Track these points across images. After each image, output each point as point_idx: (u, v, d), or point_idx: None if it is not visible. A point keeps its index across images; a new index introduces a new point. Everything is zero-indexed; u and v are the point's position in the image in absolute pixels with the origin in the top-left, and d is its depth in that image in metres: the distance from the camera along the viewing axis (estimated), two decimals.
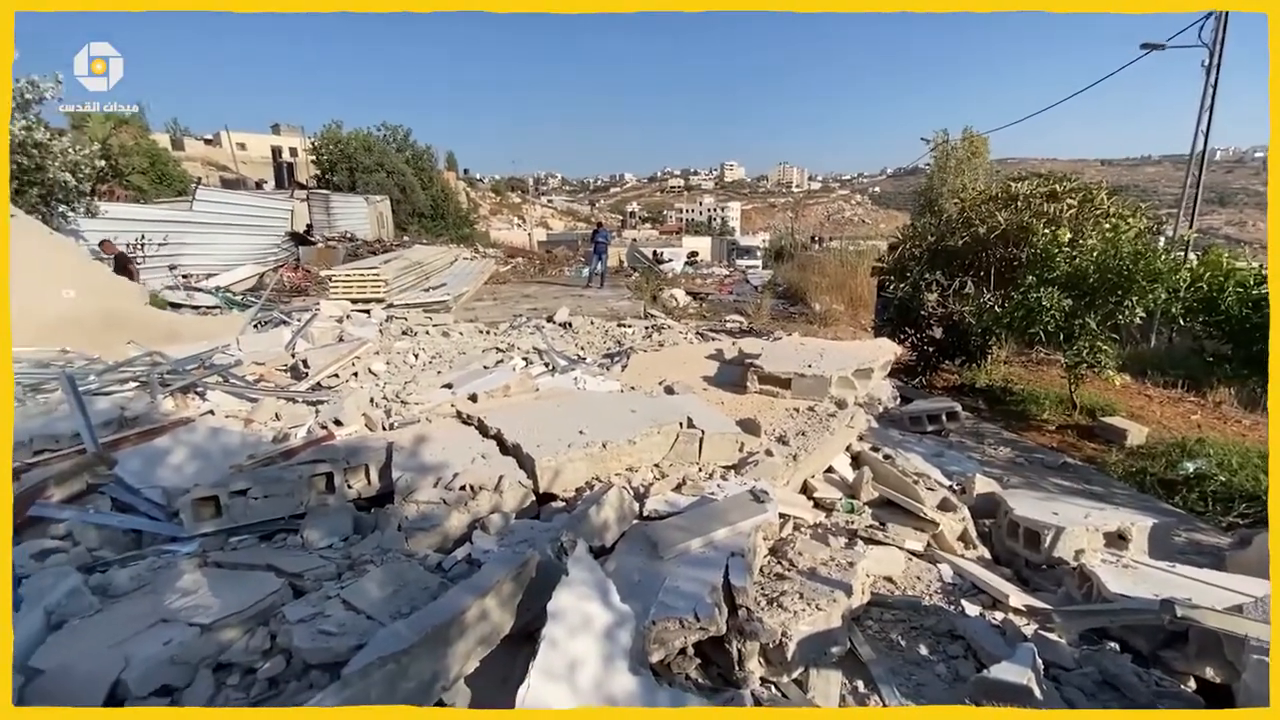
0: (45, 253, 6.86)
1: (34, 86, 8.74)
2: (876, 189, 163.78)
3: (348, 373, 5.84)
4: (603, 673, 1.76)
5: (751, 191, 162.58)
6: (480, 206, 58.22)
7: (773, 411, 4.47)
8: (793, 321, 11.49)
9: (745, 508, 2.67)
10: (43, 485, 2.79)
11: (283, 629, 2.03)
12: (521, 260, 22.02)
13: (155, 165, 19.88)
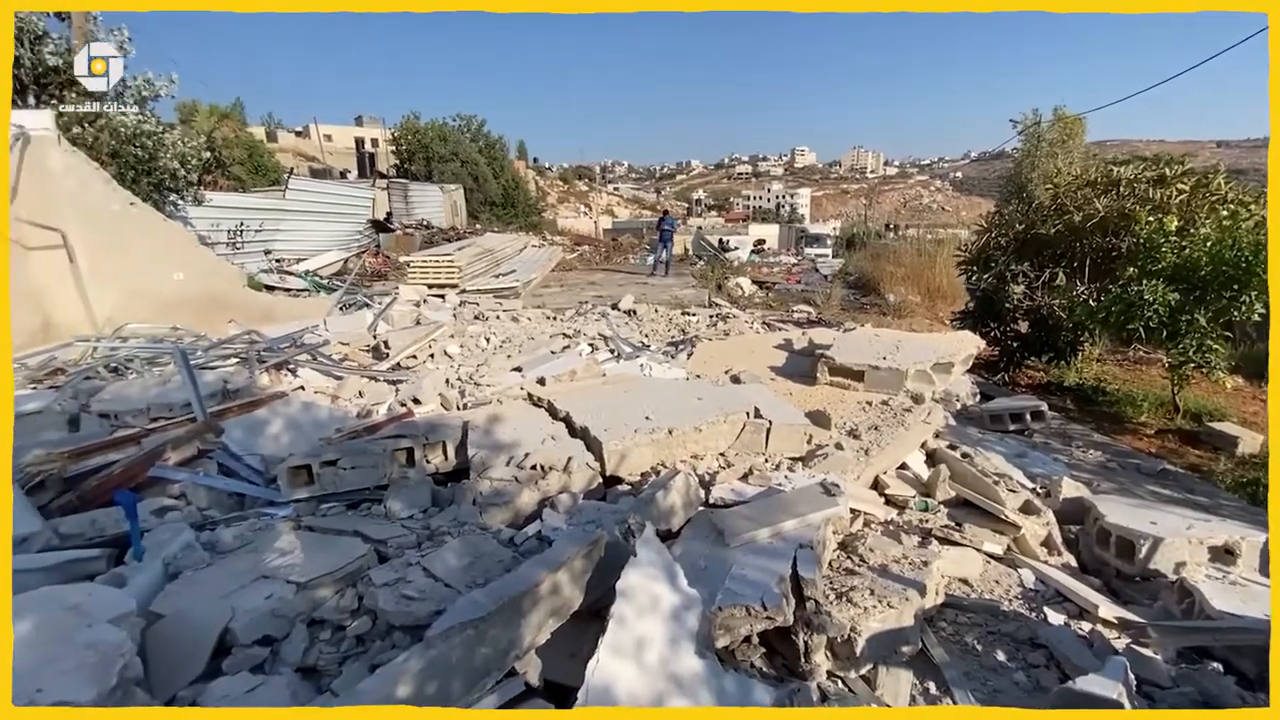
0: (159, 238, 7.50)
1: (149, 84, 9.53)
2: (958, 174, 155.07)
3: (425, 354, 6.11)
4: (669, 653, 1.78)
5: (823, 177, 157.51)
6: (548, 195, 59.19)
7: (843, 404, 4.36)
8: (864, 313, 11.13)
9: (815, 500, 2.62)
10: (161, 449, 3.07)
11: (369, 591, 2.16)
12: (587, 248, 22.29)
13: (253, 156, 21.30)
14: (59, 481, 2.93)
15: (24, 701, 1.47)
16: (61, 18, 8.77)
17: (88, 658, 1.64)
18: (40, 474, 2.88)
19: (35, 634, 1.72)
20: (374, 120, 43.01)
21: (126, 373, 5.27)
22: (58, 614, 1.81)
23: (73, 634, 1.73)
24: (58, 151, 6.69)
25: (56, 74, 8.39)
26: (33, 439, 3.40)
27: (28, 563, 2.36)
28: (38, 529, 2.58)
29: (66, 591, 2.00)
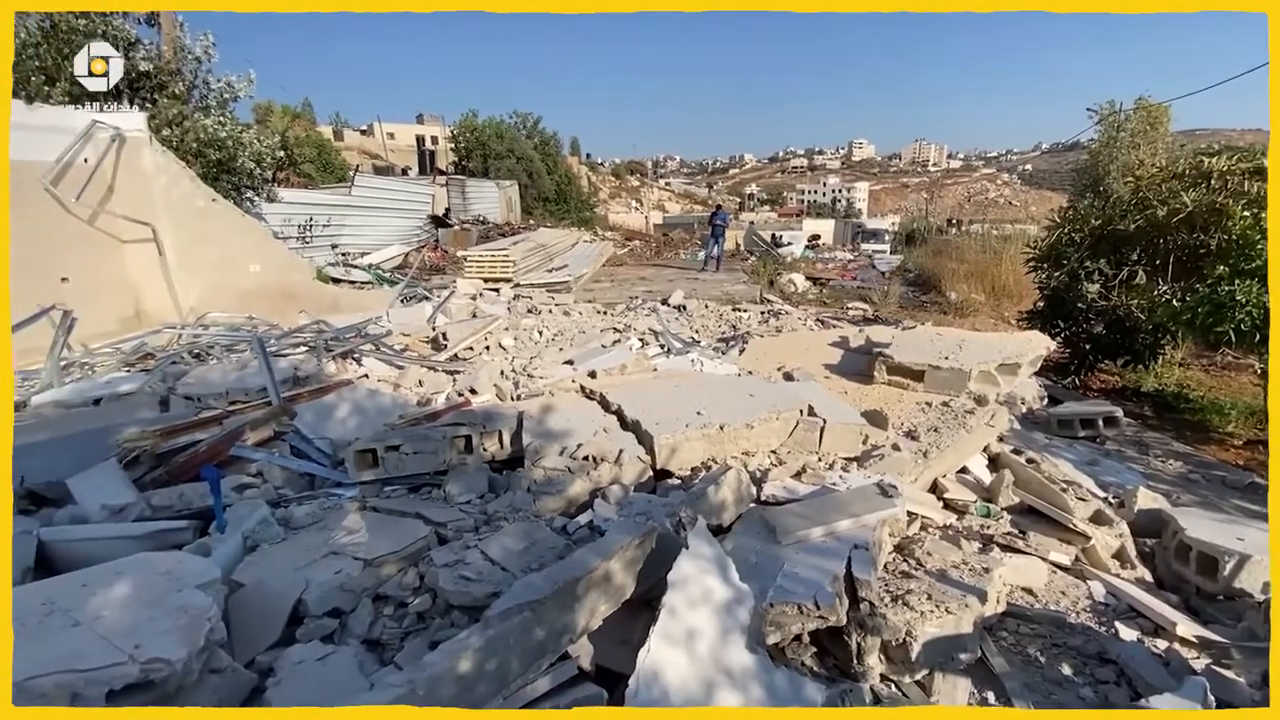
0: (238, 233, 7.97)
1: (230, 87, 10.10)
2: (1027, 167, 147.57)
3: (481, 346, 6.28)
4: (720, 645, 1.79)
5: (881, 171, 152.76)
6: (600, 190, 59.62)
7: (901, 404, 4.24)
8: (924, 311, 10.77)
9: (870, 501, 2.57)
10: (241, 429, 3.28)
11: (430, 571, 2.26)
12: (638, 243, 22.36)
13: (321, 155, 22.28)
14: (151, 457, 3.17)
15: (124, 656, 1.60)
16: (151, 24, 9.39)
17: (179, 620, 1.77)
18: (135, 450, 3.12)
19: (133, 595, 1.87)
20: (434, 118, 44.30)
21: (208, 358, 5.63)
22: (152, 578, 1.96)
23: (165, 597, 1.87)
24: (150, 151, 7.19)
25: (148, 79, 8.98)
26: (128, 417, 3.68)
27: (125, 530, 2.57)
28: (133, 500, 2.80)
29: (159, 558, 2.17)
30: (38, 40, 7.99)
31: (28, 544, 2.36)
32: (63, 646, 1.59)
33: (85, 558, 2.35)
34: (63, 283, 6.34)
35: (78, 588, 1.87)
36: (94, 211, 6.71)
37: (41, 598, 1.80)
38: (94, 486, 2.85)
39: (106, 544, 2.45)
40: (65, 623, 1.70)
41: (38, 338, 5.51)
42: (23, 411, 4.22)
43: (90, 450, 3.20)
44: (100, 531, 2.55)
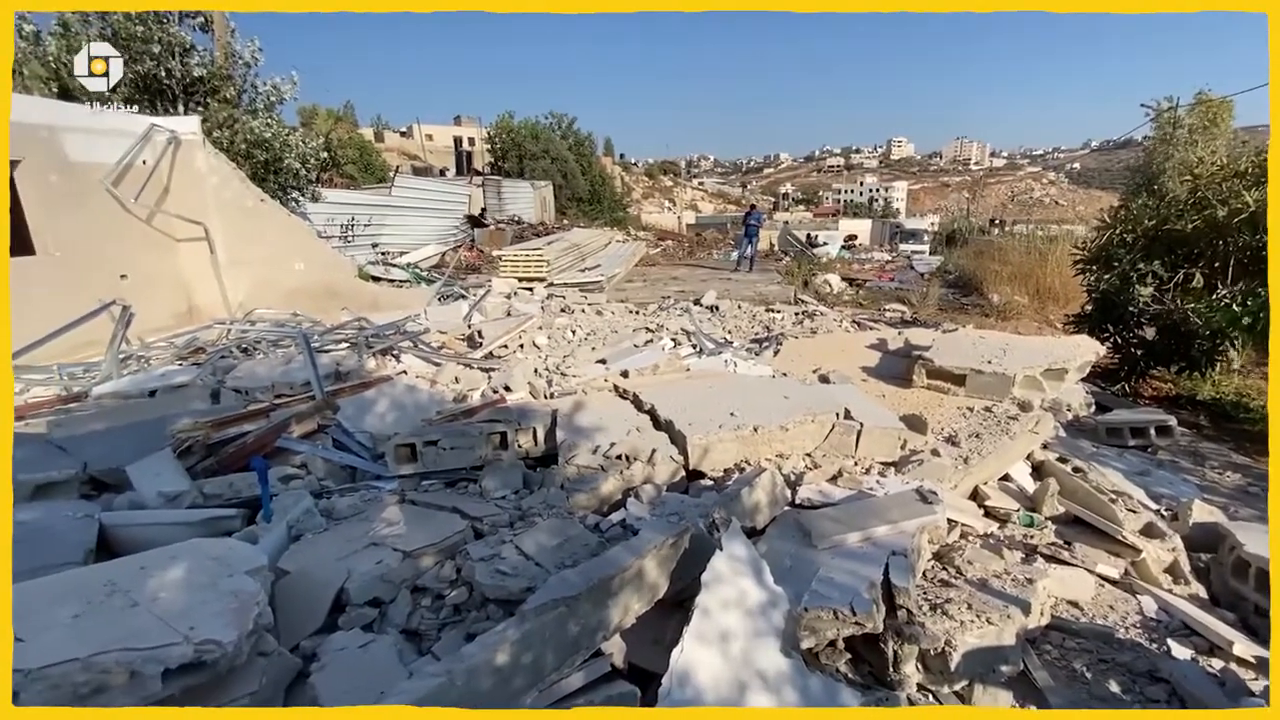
0: (284, 232, 8.23)
1: (276, 90, 10.44)
2: (1075, 165, 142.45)
3: (515, 344, 6.36)
4: (754, 648, 1.78)
5: (921, 170, 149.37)
6: (633, 190, 59.74)
7: (942, 409, 4.14)
8: (964, 313, 10.50)
9: (909, 507, 2.52)
10: (287, 422, 3.39)
11: (466, 564, 2.30)
12: (670, 243, 22.33)
13: (363, 156, 22.86)
14: (203, 447, 3.30)
15: (179, 637, 1.67)
16: (205, 30, 9.77)
17: (229, 603, 1.84)
18: (188, 440, 3.25)
19: (187, 579, 1.95)
20: (471, 120, 45.00)
21: (255, 353, 5.83)
22: (204, 563, 2.04)
23: (217, 582, 1.95)
24: (203, 153, 7.47)
25: (201, 83, 9.35)
26: (182, 409, 3.84)
27: (179, 517, 2.68)
28: (186, 488, 2.92)
29: (210, 544, 2.26)
30: None
31: (90, 527, 2.48)
32: (123, 626, 1.66)
33: (142, 541, 2.46)
34: (122, 279, 6.64)
35: (136, 570, 1.96)
36: (151, 211, 7.01)
37: (104, 578, 1.89)
38: (151, 474, 2.98)
39: (162, 529, 2.57)
40: (125, 603, 1.78)
41: (98, 331, 5.80)
42: (84, 402, 4.44)
43: (147, 439, 3.35)
44: (156, 517, 2.67)
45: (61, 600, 1.76)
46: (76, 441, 3.38)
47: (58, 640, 1.57)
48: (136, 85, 8.65)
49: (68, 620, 1.68)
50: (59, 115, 6.27)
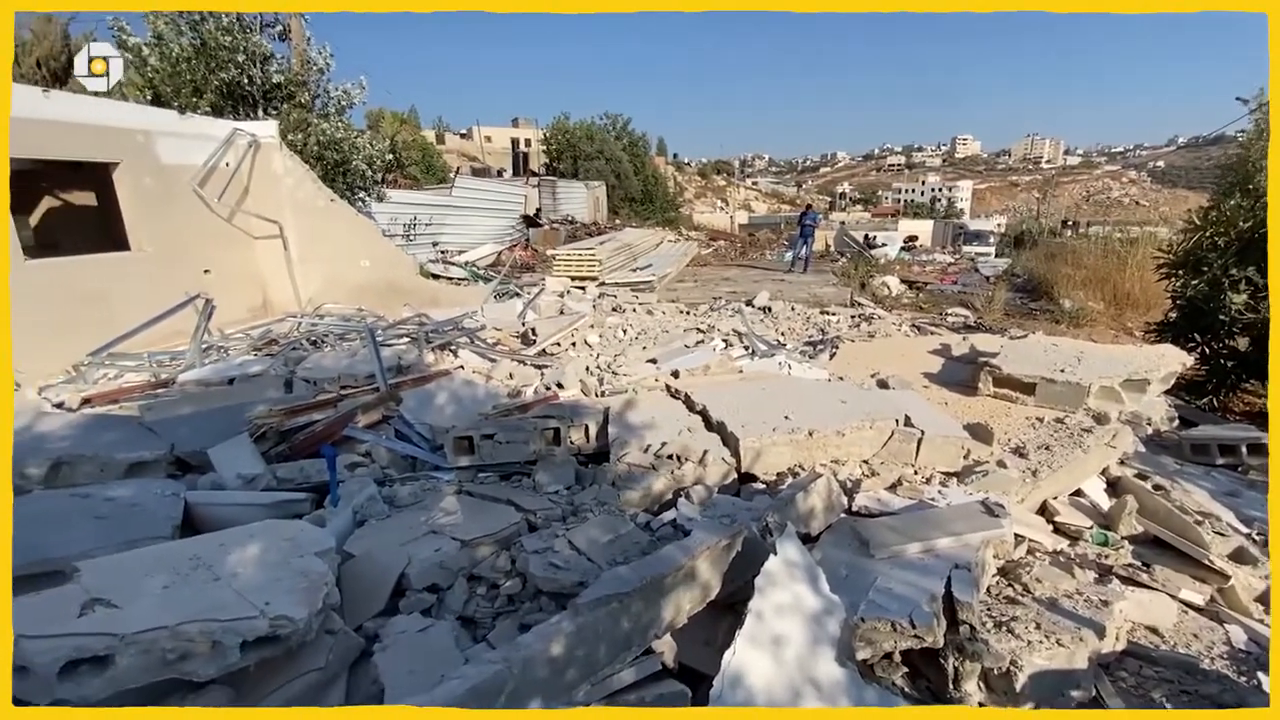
0: (352, 231, 8.60)
1: (346, 95, 10.91)
2: (1159, 163, 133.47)
3: (567, 342, 6.45)
4: (808, 655, 1.74)
5: (987, 169, 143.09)
6: (685, 190, 59.56)
7: (1009, 419, 3.96)
8: (1033, 319, 10.00)
9: (974, 519, 2.42)
10: (353, 412, 3.54)
11: (521, 556, 2.34)
12: (723, 243, 22.15)
13: (425, 157, 23.62)
14: (276, 434, 3.48)
15: (256, 611, 1.77)
16: (283, 39, 10.30)
17: (300, 583, 1.93)
18: (264, 427, 3.44)
19: (262, 557, 2.06)
20: (528, 122, 45.85)
21: (324, 346, 6.11)
22: (278, 543, 2.16)
23: (289, 561, 2.06)
24: (279, 156, 7.89)
25: (279, 89, 9.87)
26: (258, 396, 4.07)
27: (254, 499, 2.84)
28: (261, 472, 3.09)
29: (283, 526, 2.38)
30: (189, 56, 8.97)
31: (177, 504, 2.66)
32: (206, 598, 1.78)
33: (221, 520, 2.62)
34: (205, 274, 7.08)
35: (217, 546, 2.09)
36: (232, 210, 7.44)
37: (189, 553, 2.02)
38: (230, 457, 3.17)
39: (239, 509, 2.72)
40: (208, 577, 1.90)
41: (184, 322, 6.21)
42: (171, 388, 4.76)
43: (226, 424, 3.56)
44: (235, 498, 2.84)
45: (152, 571, 1.89)
46: (164, 424, 3.63)
47: (149, 608, 1.69)
48: (221, 92, 9.21)
49: (158, 590, 1.80)
50: (153, 121, 6.73)
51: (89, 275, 5.99)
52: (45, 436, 3.38)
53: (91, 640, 1.54)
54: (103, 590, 1.76)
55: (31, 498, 2.71)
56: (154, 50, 8.92)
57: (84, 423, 3.68)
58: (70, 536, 2.32)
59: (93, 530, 2.39)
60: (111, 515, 2.50)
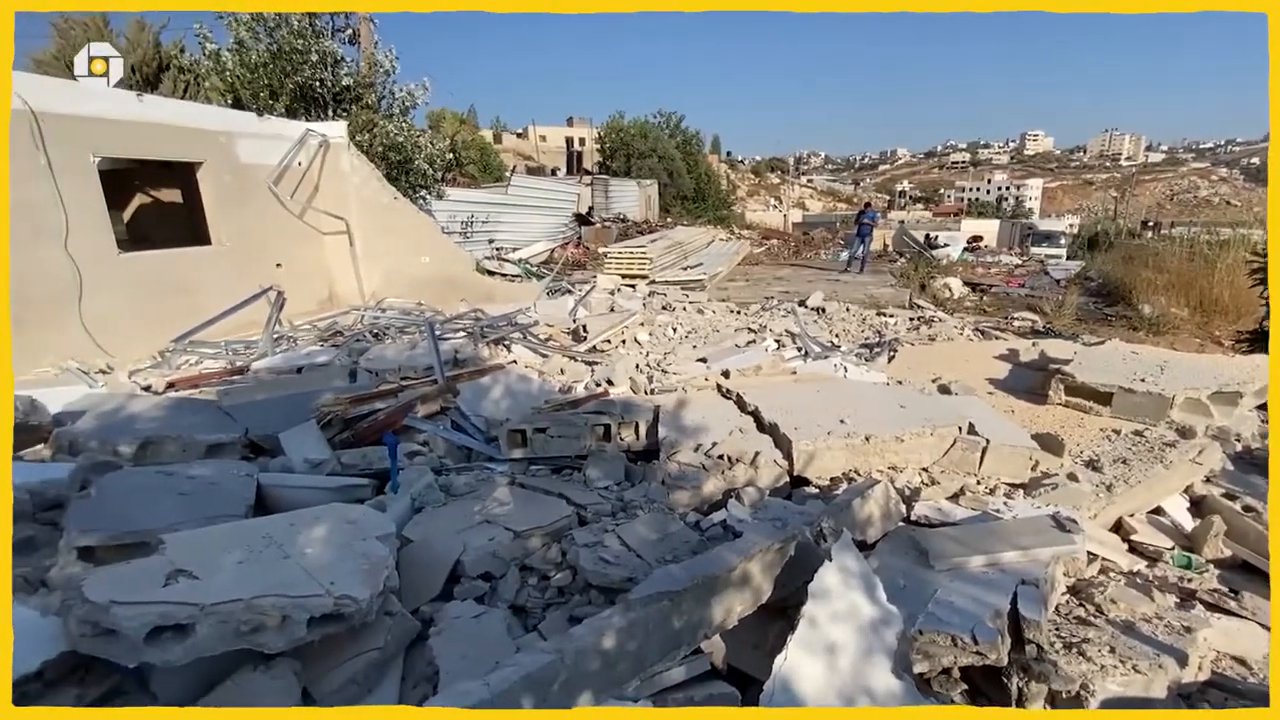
0: (413, 227, 8.89)
1: (410, 96, 11.27)
2: (1253, 160, 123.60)
3: (618, 339, 6.48)
4: (863, 665, 1.69)
5: (1060, 166, 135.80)
6: (738, 188, 58.93)
7: (1082, 430, 3.75)
8: (1108, 325, 9.44)
9: (1043, 534, 2.30)
10: (413, 402, 3.66)
11: (571, 549, 2.37)
12: (775, 242, 21.83)
13: (483, 156, 24.18)
14: (341, 421, 3.63)
15: (322, 590, 1.84)
16: (352, 43, 10.73)
17: (362, 564, 2.01)
18: (330, 414, 3.60)
19: (327, 538, 2.15)
20: (583, 120, 46.34)
21: (385, 338, 6.34)
22: (342, 526, 2.25)
23: (352, 543, 2.14)
24: (347, 155, 8.22)
25: (348, 91, 10.29)
26: (325, 385, 4.25)
27: (321, 482, 2.97)
28: (327, 457, 3.23)
29: (347, 509, 2.48)
30: (265, 61, 9.46)
31: (250, 485, 2.81)
32: (277, 574, 1.87)
33: (290, 501, 2.76)
34: (277, 268, 7.46)
35: (287, 526, 2.19)
36: (303, 207, 7.81)
37: (262, 531, 2.13)
38: (298, 442, 3.33)
39: (306, 492, 2.86)
40: (279, 554, 1.99)
41: (257, 313, 6.56)
42: (245, 375, 5.03)
43: (295, 410, 3.74)
44: (302, 481, 2.97)
45: (229, 547, 2.00)
46: (240, 409, 3.84)
47: (226, 582, 1.79)
48: (295, 94, 9.68)
49: (234, 565, 1.90)
50: (233, 123, 7.13)
51: (174, 268, 6.40)
52: (135, 417, 3.63)
53: (175, 609, 1.64)
54: (185, 562, 1.87)
55: (122, 473, 2.91)
56: (234, 55, 9.44)
57: (168, 405, 3.93)
58: (156, 510, 2.49)
59: (176, 506, 2.55)
60: (193, 492, 2.66)
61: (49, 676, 1.70)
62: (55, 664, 1.70)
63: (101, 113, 5.65)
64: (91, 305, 5.43)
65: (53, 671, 1.70)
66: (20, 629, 1.81)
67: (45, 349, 5.13)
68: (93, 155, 5.55)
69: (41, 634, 1.76)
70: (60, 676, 1.72)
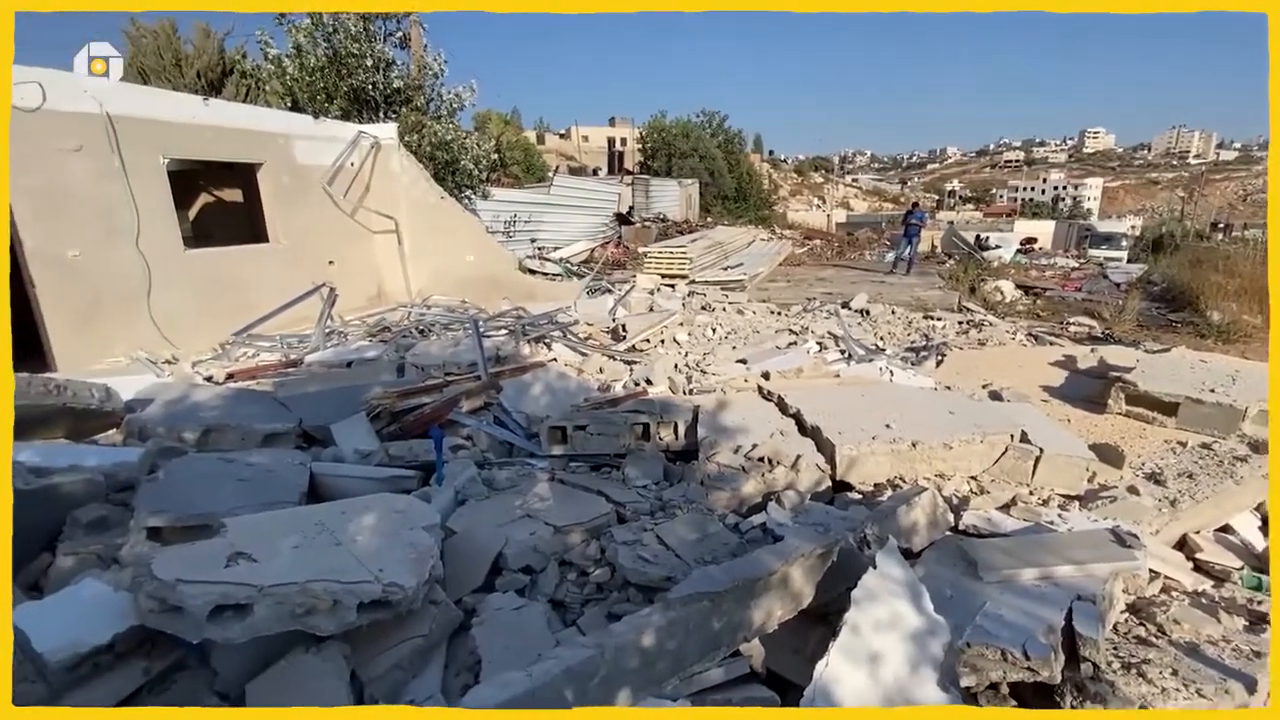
0: (459, 227, 9.08)
1: (458, 98, 11.51)
2: None
3: (657, 339, 6.49)
4: (907, 676, 1.66)
5: (1122, 164, 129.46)
6: (780, 188, 58.20)
7: (1143, 441, 3.57)
8: (1173, 332, 8.96)
9: (1101, 548, 2.20)
10: (458, 397, 3.74)
11: (610, 546, 2.38)
12: (818, 242, 21.46)
13: (527, 157, 24.51)
14: (389, 414, 3.74)
15: (371, 576, 1.90)
16: (403, 46, 11.02)
17: (409, 553, 2.07)
18: (378, 407, 3.71)
19: (376, 527, 2.22)
20: (624, 121, 46.46)
21: (430, 334, 6.49)
22: (390, 515, 2.31)
23: (400, 532, 2.20)
24: (397, 156, 8.45)
25: (398, 94, 10.57)
26: (374, 379, 4.39)
27: (370, 473, 3.07)
28: (375, 448, 3.33)
29: (395, 499, 2.55)
30: (323, 65, 9.80)
31: (304, 473, 2.92)
32: (329, 560, 1.94)
33: (340, 490, 2.86)
34: (330, 265, 7.72)
35: (339, 514, 2.27)
36: (355, 206, 8.07)
37: (315, 518, 2.21)
38: (349, 433, 3.45)
39: (356, 482, 2.95)
40: (331, 541, 2.07)
41: (310, 308, 6.81)
42: (299, 368, 5.23)
43: (346, 403, 3.87)
44: (352, 470, 3.07)
45: (285, 532, 2.08)
46: (294, 400, 4.00)
47: (282, 565, 1.87)
48: (349, 97, 10.00)
49: (289, 550, 1.98)
50: (290, 125, 7.42)
51: (234, 264, 6.70)
52: (198, 406, 3.82)
53: (235, 589, 1.72)
54: (244, 545, 1.96)
55: (187, 459, 3.07)
56: (294, 61, 9.82)
57: (228, 395, 4.12)
58: (217, 495, 2.61)
59: (236, 491, 2.67)
60: (251, 479, 2.78)
61: (119, 649, 1.80)
62: (125, 637, 1.80)
63: (171, 116, 5.96)
64: (159, 299, 5.73)
65: (123, 644, 1.80)
66: (94, 603, 1.93)
67: (117, 340, 5.44)
68: (162, 157, 5.86)
69: (113, 608, 1.87)
70: (129, 649, 1.82)
